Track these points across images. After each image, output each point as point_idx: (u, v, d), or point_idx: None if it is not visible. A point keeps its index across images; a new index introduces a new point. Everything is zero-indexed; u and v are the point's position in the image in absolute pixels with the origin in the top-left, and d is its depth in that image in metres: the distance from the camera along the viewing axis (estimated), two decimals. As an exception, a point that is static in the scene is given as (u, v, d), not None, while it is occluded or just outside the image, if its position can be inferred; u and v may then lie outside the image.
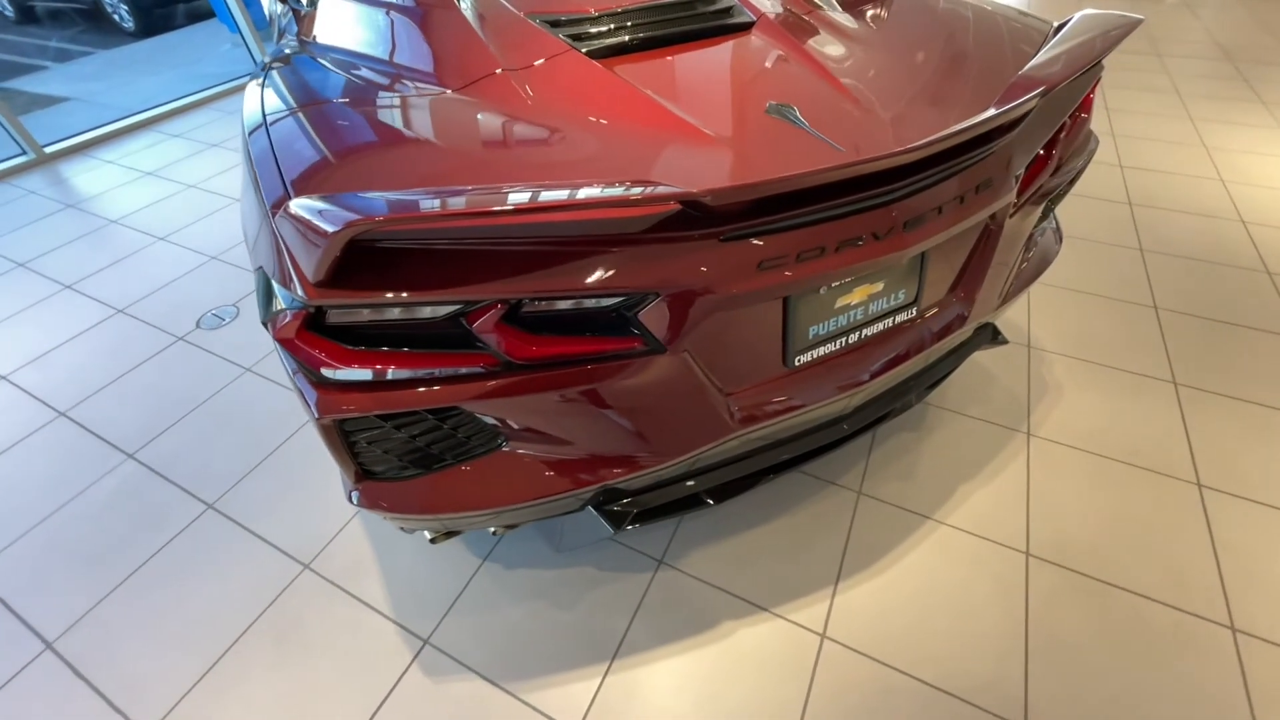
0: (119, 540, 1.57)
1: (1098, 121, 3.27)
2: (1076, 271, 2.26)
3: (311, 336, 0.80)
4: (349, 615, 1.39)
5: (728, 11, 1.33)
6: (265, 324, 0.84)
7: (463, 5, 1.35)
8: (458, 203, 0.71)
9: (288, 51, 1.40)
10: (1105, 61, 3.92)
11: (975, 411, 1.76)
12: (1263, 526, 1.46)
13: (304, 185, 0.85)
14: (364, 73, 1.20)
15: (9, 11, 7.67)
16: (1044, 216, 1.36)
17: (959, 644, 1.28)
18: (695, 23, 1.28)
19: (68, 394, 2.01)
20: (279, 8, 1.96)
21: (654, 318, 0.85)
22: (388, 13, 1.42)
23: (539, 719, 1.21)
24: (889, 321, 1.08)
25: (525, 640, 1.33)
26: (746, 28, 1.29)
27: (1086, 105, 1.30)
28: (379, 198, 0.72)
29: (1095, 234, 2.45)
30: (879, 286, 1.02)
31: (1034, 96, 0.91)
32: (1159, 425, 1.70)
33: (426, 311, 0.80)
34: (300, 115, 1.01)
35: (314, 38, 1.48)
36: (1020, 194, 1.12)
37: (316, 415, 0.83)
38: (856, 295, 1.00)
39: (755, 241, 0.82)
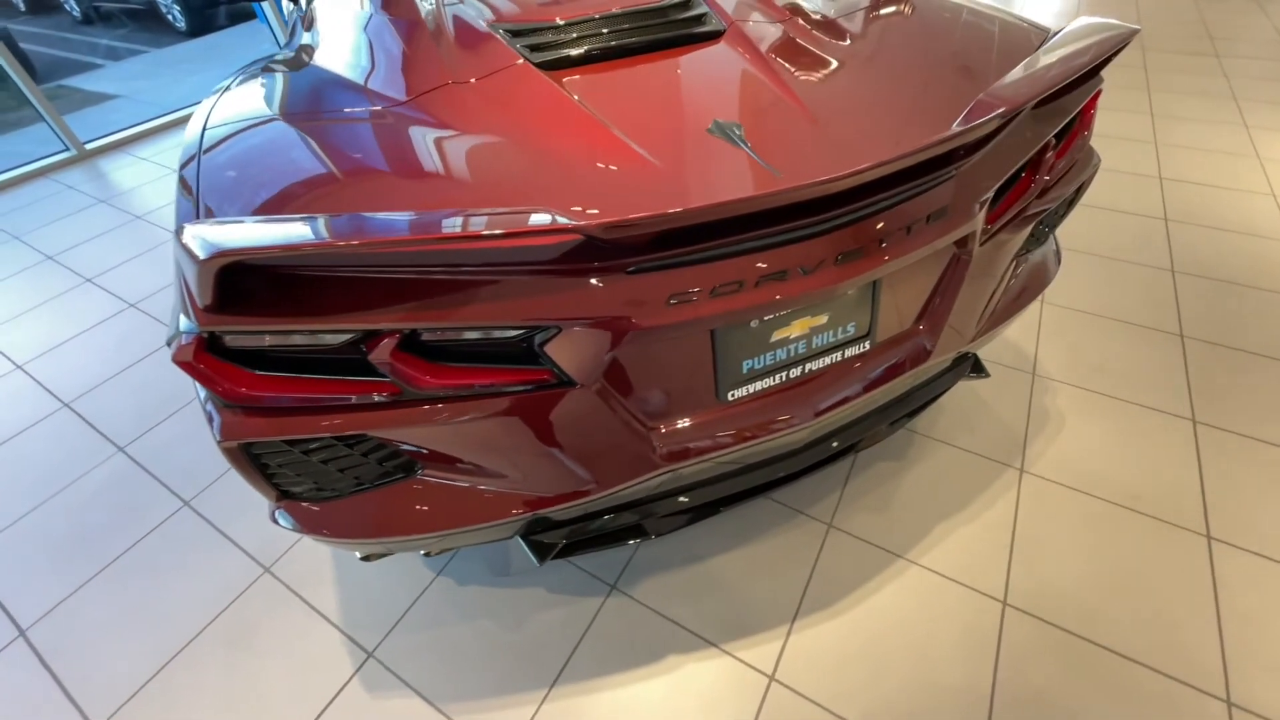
0: (100, 532, 1.63)
1: (1138, 128, 3.04)
2: (1095, 293, 2.10)
3: (212, 360, 0.79)
4: (300, 622, 1.40)
5: (699, 20, 1.27)
6: (168, 344, 0.84)
7: (428, 15, 1.33)
8: (343, 230, 0.68)
9: (258, 65, 1.41)
10: (1147, 63, 3.67)
11: (965, 442, 1.66)
12: (1276, 588, 1.32)
13: (218, 207, 0.84)
14: (316, 87, 1.19)
15: (75, 12, 8.13)
16: (1035, 241, 1.26)
17: (918, 698, 1.20)
18: (662, 31, 1.23)
19: (73, 385, 2.10)
20: (289, 7, 1.99)
21: (561, 350, 0.81)
22: (361, 23, 1.42)
23: (470, 744, 1.19)
24: (837, 355, 1.01)
25: (467, 660, 1.31)
26: (715, 37, 1.23)
27: (1085, 121, 1.19)
28: (272, 223, 0.70)
29: (1122, 251, 2.27)
30: (823, 319, 0.95)
31: (990, 120, 0.82)
32: (1170, 467, 1.56)
33: (326, 338, 0.78)
34: (234, 133, 1.01)
35: (294, 45, 1.48)
36: (994, 220, 1.03)
37: (219, 439, 0.82)
38: (796, 328, 0.94)
39: (665, 274, 0.77)
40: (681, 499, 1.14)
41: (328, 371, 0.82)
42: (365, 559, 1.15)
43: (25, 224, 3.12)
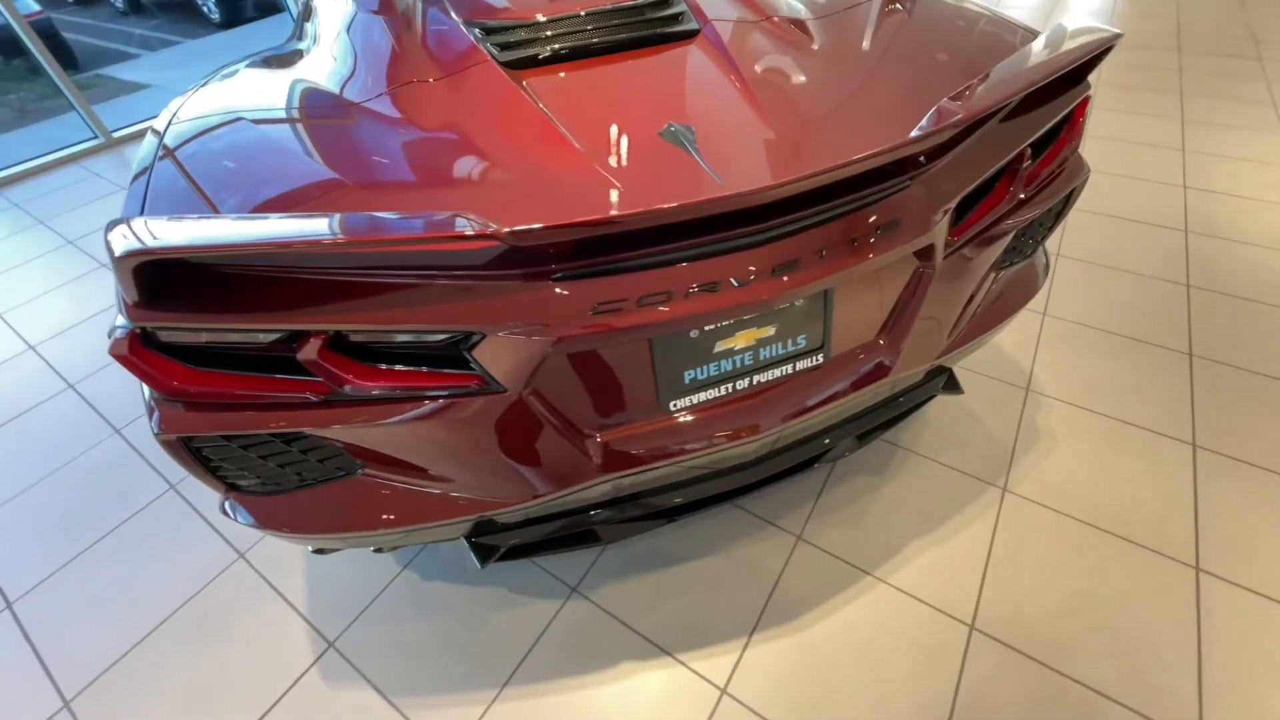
0: (90, 511, 1.69)
1: (1165, 133, 2.90)
2: (1101, 306, 2.01)
3: (148, 354, 0.80)
4: (268, 608, 1.43)
5: (675, 19, 1.25)
6: (109, 337, 0.85)
7: (406, 12, 1.34)
8: (255, 232, 0.68)
9: (242, 61, 1.43)
10: (1183, 65, 3.50)
11: (949, 458, 1.60)
12: (1263, 625, 1.24)
13: (159, 204, 0.85)
14: (287, 84, 1.20)
15: (119, 3, 8.42)
16: (1015, 254, 1.21)
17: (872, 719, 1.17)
18: (637, 31, 1.21)
19: (80, 367, 2.18)
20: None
21: (488, 356, 0.80)
22: (346, 20, 1.42)
23: (418, 739, 1.20)
24: (788, 368, 0.98)
25: (424, 655, 1.32)
26: (688, 37, 1.20)
27: (1072, 130, 1.14)
28: (192, 222, 0.71)
29: (1135, 263, 2.17)
30: (770, 331, 0.93)
31: (941, 130, 0.79)
32: (1164, 492, 1.49)
33: (258, 336, 0.79)
34: (193, 131, 1.02)
35: (291, 40, 1.50)
36: (960, 233, 0.99)
37: (156, 431, 0.84)
38: (740, 340, 0.91)
39: (589, 283, 0.76)
40: (632, 506, 1.12)
41: (262, 369, 0.83)
42: (318, 551, 1.16)
43: (51, 209, 3.24)
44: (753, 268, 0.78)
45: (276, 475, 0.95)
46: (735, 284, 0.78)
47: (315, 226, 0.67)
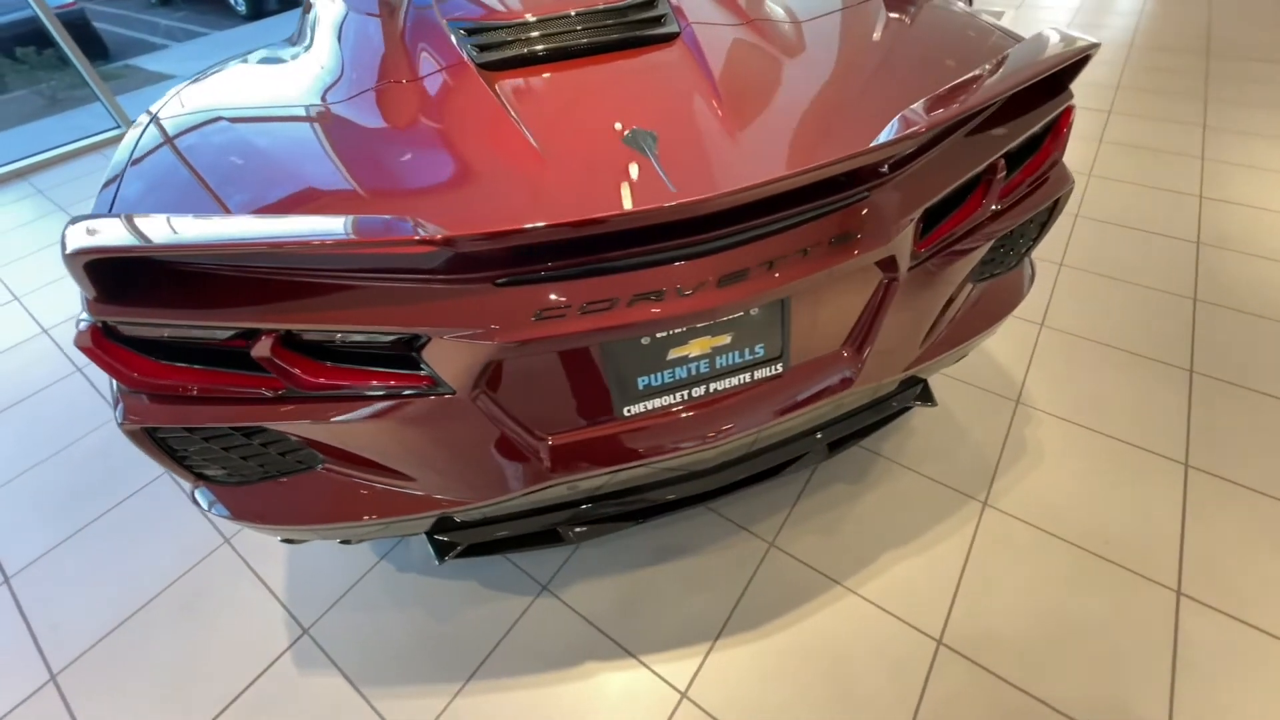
0: (89, 491, 1.74)
1: (1185, 140, 2.81)
2: (1102, 318, 1.96)
3: (112, 346, 0.83)
4: (248, 593, 1.47)
5: (658, 21, 1.24)
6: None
7: (394, 12, 1.35)
8: (198, 234, 0.70)
9: (238, 58, 1.46)
10: (1210, 70, 3.38)
11: (931, 469, 1.58)
12: (1240, 652, 1.21)
13: (127, 202, 0.87)
14: (274, 82, 1.23)
15: (150, -6, 8.61)
16: (993, 266, 1.18)
17: (829, 731, 1.17)
18: (618, 32, 1.21)
19: (89, 351, 2.25)
20: None
21: (436, 358, 0.81)
22: (338, 19, 1.44)
23: (382, 728, 1.22)
24: (746, 377, 0.98)
25: (394, 645, 1.35)
26: (669, 40, 1.20)
27: (1054, 141, 1.11)
28: (141, 222, 0.73)
29: (1140, 275, 2.11)
30: (725, 339, 0.92)
31: (893, 144, 0.77)
32: (1151, 514, 1.45)
33: (214, 332, 0.81)
34: (173, 127, 1.05)
35: (293, 36, 1.53)
36: (927, 245, 0.97)
37: (119, 421, 0.86)
38: (695, 348, 0.91)
39: (532, 289, 0.76)
40: (595, 508, 1.13)
41: (221, 364, 0.85)
42: (286, 541, 1.19)
43: (71, 196, 3.34)
44: (698, 277, 0.78)
45: (240, 467, 0.97)
46: (680, 293, 0.78)
47: (253, 228, 0.69)
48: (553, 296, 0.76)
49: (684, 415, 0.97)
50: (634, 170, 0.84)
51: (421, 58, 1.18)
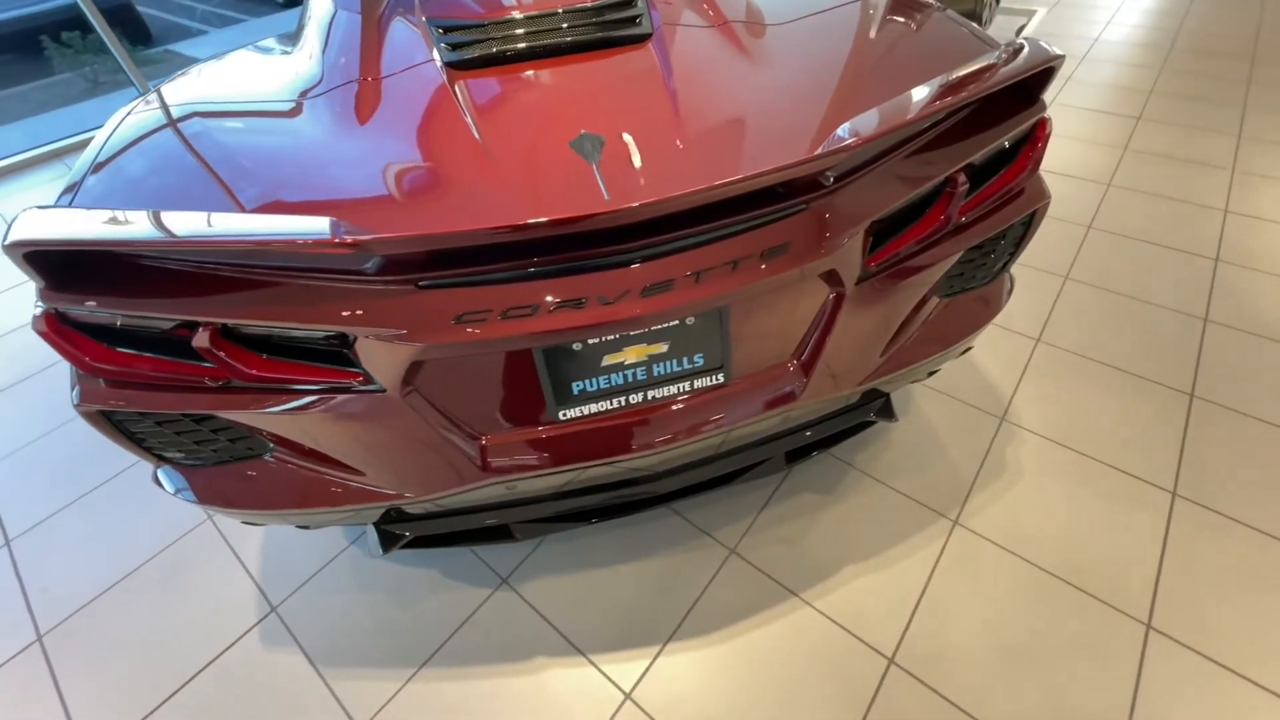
0: (89, 462, 1.83)
1: (1216, 150, 2.67)
2: (1103, 335, 1.89)
3: (68, 331, 0.87)
4: (224, 568, 1.52)
5: (632, 21, 1.24)
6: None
7: (375, 9, 1.37)
8: (127, 230, 0.73)
9: (229, 51, 1.50)
10: (1254, 76, 3.20)
11: (902, 484, 1.55)
12: (1203, 692, 1.16)
13: (88, 194, 0.91)
14: (256, 77, 1.26)
15: (194, -20, 8.87)
16: (961, 281, 1.15)
17: (769, 742, 1.16)
18: (591, 33, 1.20)
19: (102, 328, 2.35)
20: None
21: (368, 357, 0.83)
22: (325, 14, 1.47)
23: (335, 708, 1.26)
24: (685, 386, 0.97)
25: (355, 628, 1.39)
26: (642, 40, 1.19)
27: (1026, 156, 1.07)
28: (79, 216, 0.76)
29: (1150, 291, 2.03)
30: (661, 348, 0.92)
31: (816, 158, 0.76)
32: (1129, 542, 1.40)
33: (159, 322, 0.84)
34: (148, 119, 1.08)
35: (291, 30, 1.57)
36: (879, 259, 0.95)
37: (75, 404, 0.91)
38: (630, 354, 0.91)
39: (452, 292, 0.77)
40: (543, 507, 1.14)
41: (169, 352, 0.89)
42: (247, 523, 1.23)
43: (102, 177, 3.48)
44: (621, 287, 0.78)
45: (194, 451, 1.01)
46: (602, 302, 0.78)
47: (174, 226, 0.71)
48: (473, 301, 0.77)
49: (622, 421, 0.97)
50: (575, 176, 0.84)
51: (393, 55, 1.20)
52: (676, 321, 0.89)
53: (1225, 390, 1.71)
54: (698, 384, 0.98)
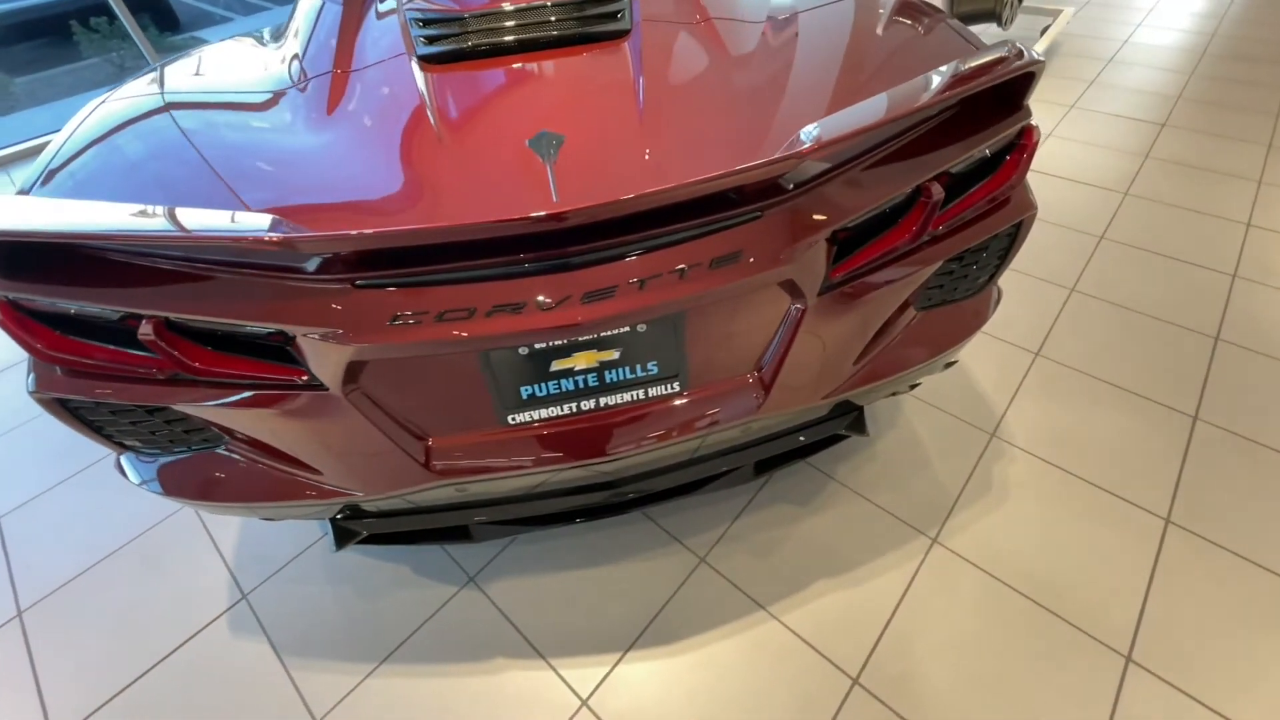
0: (78, 444, 1.86)
1: (1243, 160, 2.55)
2: (1106, 351, 1.82)
3: (23, 319, 0.87)
4: (201, 554, 1.54)
5: (612, 17, 1.21)
6: None
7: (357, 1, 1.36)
8: (61, 222, 0.73)
9: (211, 43, 1.51)
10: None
11: (883, 498, 1.51)
12: (1187, 737, 1.11)
13: (48, 182, 0.91)
14: (239, 67, 1.25)
15: (224, -32, 9.00)
16: (942, 295, 1.11)
17: (723, 758, 1.14)
18: (569, 28, 1.18)
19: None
20: None
21: (309, 355, 0.82)
22: (309, 5, 1.46)
23: (295, 700, 1.27)
24: (640, 394, 0.95)
25: (321, 620, 1.39)
26: (619, 37, 1.16)
27: (1013, 164, 1.02)
28: (25, 205, 0.76)
29: (1160, 306, 1.94)
30: (613, 355, 0.90)
31: (769, 164, 0.72)
32: (1116, 569, 1.34)
33: (106, 312, 0.84)
34: (114, 111, 1.08)
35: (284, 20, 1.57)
36: (844, 270, 0.92)
37: (31, 390, 0.91)
38: (579, 360, 0.89)
39: (389, 293, 0.76)
40: (498, 510, 1.13)
41: (120, 343, 0.89)
42: (212, 512, 1.24)
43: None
44: (562, 292, 0.76)
45: (150, 440, 1.01)
46: (542, 307, 0.76)
47: (111, 219, 0.71)
48: (409, 302, 0.76)
49: (573, 428, 0.95)
50: (528, 176, 0.82)
51: (369, 48, 1.19)
52: (627, 328, 0.87)
53: (1232, 414, 1.63)
54: (653, 392, 0.95)
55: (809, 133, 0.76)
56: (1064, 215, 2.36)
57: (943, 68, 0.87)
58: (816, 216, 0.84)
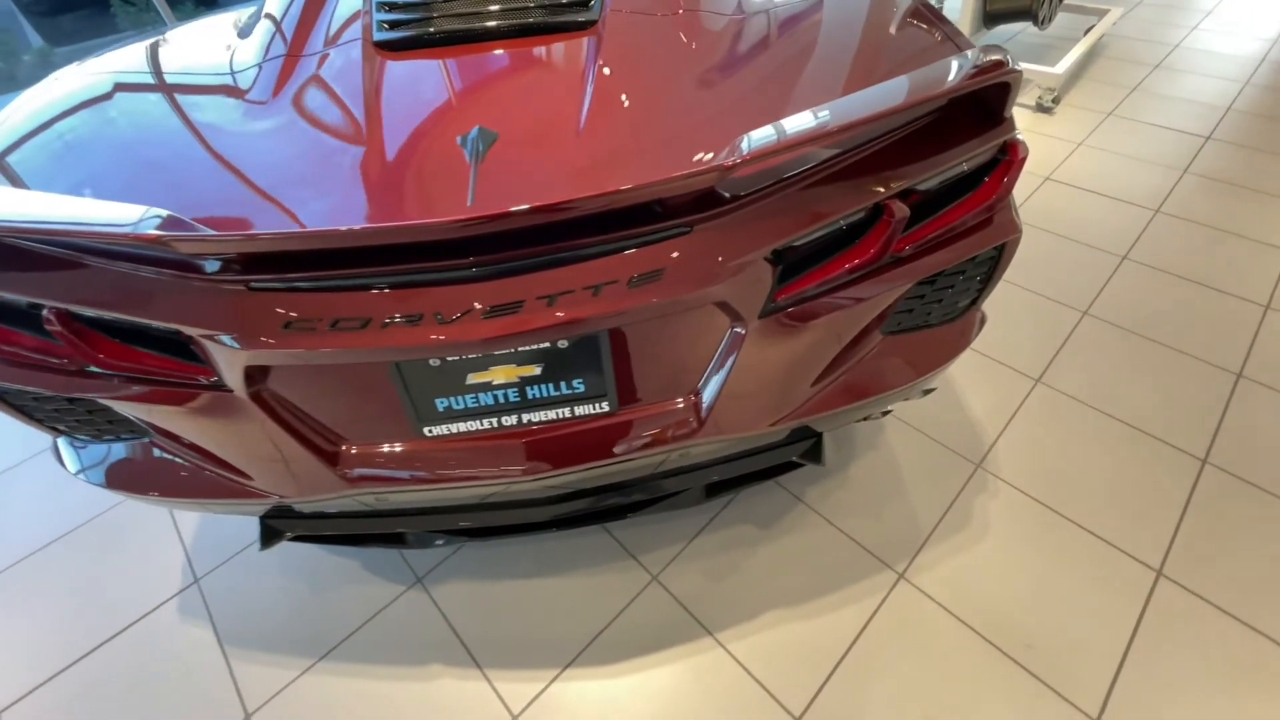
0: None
1: (1274, 175, 2.36)
2: (1116, 383, 1.69)
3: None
4: (161, 534, 1.55)
5: (582, 6, 1.14)
6: None
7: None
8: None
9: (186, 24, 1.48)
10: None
11: (852, 526, 1.43)
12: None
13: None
14: (206, 49, 1.22)
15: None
16: (913, 319, 1.02)
17: (649, 791, 1.09)
18: (535, 16, 1.12)
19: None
20: None
21: (211, 355, 0.78)
22: None
23: (230, 690, 1.26)
24: (565, 412, 0.89)
25: (268, 611, 1.38)
26: (584, 28, 1.10)
27: (994, 184, 0.92)
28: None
29: (1180, 337, 1.80)
30: (534, 370, 0.84)
31: (697, 174, 0.66)
32: (1094, 623, 1.25)
33: (19, 303, 0.82)
34: (61, 88, 1.06)
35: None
36: (790, 293, 0.84)
37: (-49, 374, 0.90)
38: (498, 375, 0.84)
39: (282, 297, 0.71)
40: (433, 518, 1.09)
41: (35, 331, 0.87)
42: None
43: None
44: (461, 305, 0.71)
45: (76, 428, 1.00)
46: (439, 320, 0.71)
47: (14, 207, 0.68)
48: (304, 307, 0.71)
49: (494, 443, 0.90)
50: (450, 176, 0.77)
51: (327, 32, 1.14)
52: (547, 344, 0.81)
53: (1247, 459, 1.50)
54: (579, 411, 0.90)
55: (738, 146, 0.69)
56: (1084, 231, 2.21)
57: (902, 78, 0.79)
58: (754, 234, 0.77)
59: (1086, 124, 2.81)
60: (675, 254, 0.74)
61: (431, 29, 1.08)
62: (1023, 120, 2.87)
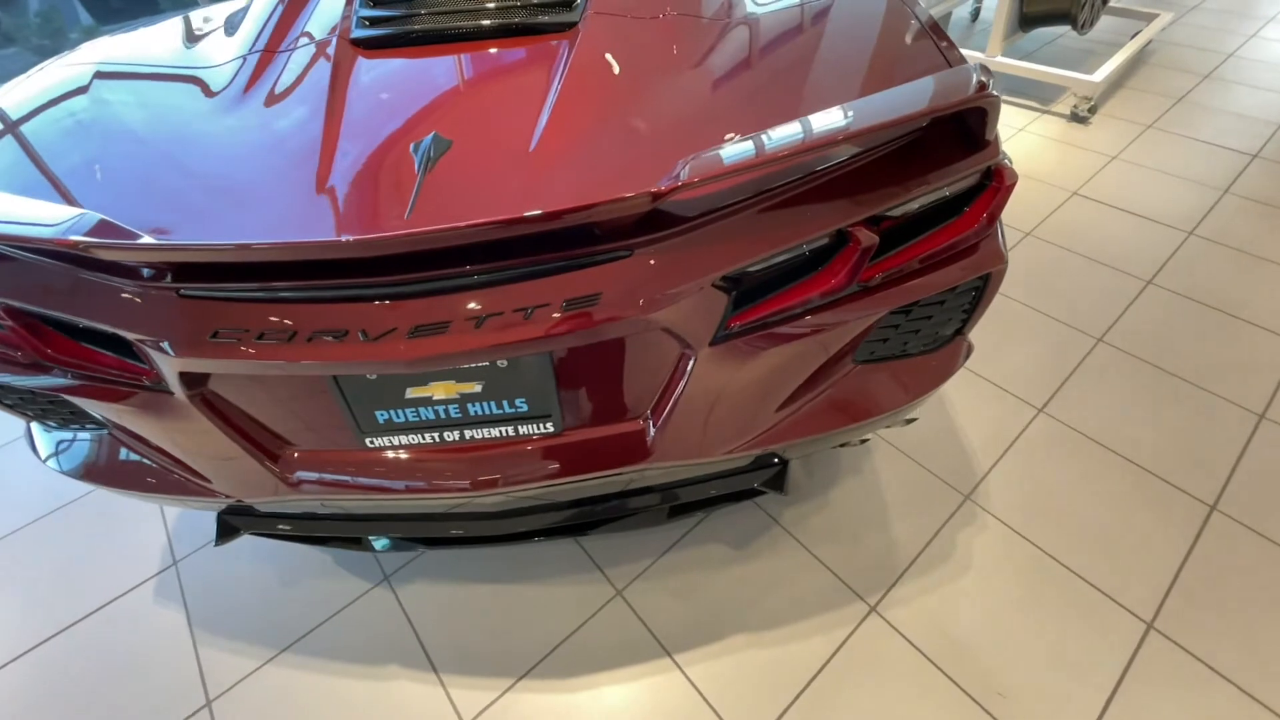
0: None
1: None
2: (1125, 418, 1.60)
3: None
4: (146, 514, 1.58)
5: (566, 7, 1.11)
6: None
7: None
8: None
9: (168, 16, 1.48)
10: None
11: (826, 553, 1.38)
12: None
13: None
14: (188, 40, 1.22)
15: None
16: (887, 349, 0.97)
17: (591, 813, 1.08)
18: (521, 17, 1.09)
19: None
20: None
21: (150, 357, 0.78)
22: None
23: (194, 675, 1.28)
24: (508, 430, 0.87)
25: (239, 601, 1.40)
26: (564, 30, 1.06)
27: (976, 211, 0.86)
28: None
29: (1202, 371, 1.69)
30: (475, 387, 0.82)
31: (630, 200, 0.62)
32: (1075, 675, 1.18)
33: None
34: (41, 80, 1.07)
35: None
36: (744, 320, 0.80)
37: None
38: (437, 390, 0.82)
39: (211, 305, 0.70)
40: (389, 524, 1.08)
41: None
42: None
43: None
44: (386, 323, 0.69)
45: (39, 417, 1.01)
46: (364, 337, 0.69)
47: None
48: (231, 317, 0.70)
49: (435, 457, 0.89)
50: (395, 185, 0.75)
51: (304, 27, 1.13)
52: (486, 363, 0.79)
53: (1259, 508, 1.40)
54: (523, 430, 0.87)
55: (701, 163, 0.65)
56: (1108, 251, 2.10)
57: (866, 100, 0.74)
58: (701, 259, 0.73)
59: (1124, 136, 2.66)
60: (612, 278, 0.70)
61: (410, 28, 1.06)
62: (1054, 130, 2.74)
